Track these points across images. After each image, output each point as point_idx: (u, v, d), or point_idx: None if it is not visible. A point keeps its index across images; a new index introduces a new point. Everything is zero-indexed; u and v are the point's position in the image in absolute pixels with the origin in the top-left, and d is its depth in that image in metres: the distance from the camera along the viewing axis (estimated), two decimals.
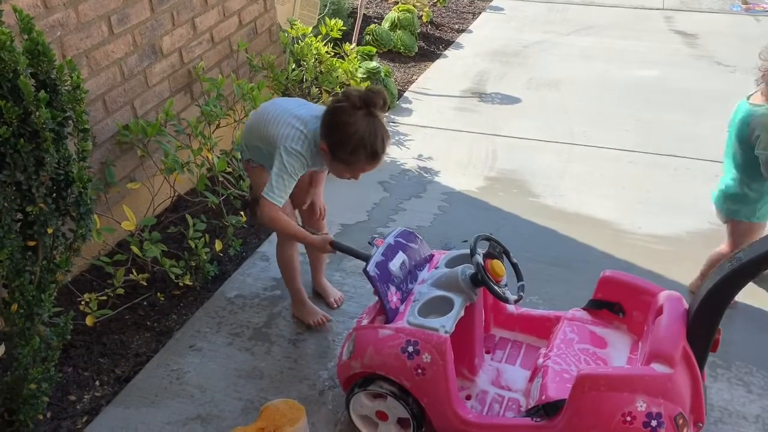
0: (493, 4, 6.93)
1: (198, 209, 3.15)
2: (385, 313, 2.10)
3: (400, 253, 2.25)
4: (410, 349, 2.00)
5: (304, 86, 4.02)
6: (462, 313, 2.07)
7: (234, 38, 3.71)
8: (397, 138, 4.19)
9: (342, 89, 2.28)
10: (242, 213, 3.12)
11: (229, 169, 3.19)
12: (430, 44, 5.87)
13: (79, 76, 1.86)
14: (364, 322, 2.23)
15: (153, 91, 3.16)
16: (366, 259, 2.17)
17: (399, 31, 5.54)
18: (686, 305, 1.96)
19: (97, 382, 2.46)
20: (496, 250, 2.17)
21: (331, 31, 4.10)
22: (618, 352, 2.15)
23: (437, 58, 5.59)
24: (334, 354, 2.56)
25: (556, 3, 6.90)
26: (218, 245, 2.94)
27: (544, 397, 1.99)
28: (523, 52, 5.64)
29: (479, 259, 2.05)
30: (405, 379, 2.02)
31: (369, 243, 2.26)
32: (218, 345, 2.62)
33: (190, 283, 2.81)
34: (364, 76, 4.25)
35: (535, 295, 2.82)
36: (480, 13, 6.69)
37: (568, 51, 5.63)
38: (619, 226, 3.32)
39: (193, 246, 2.78)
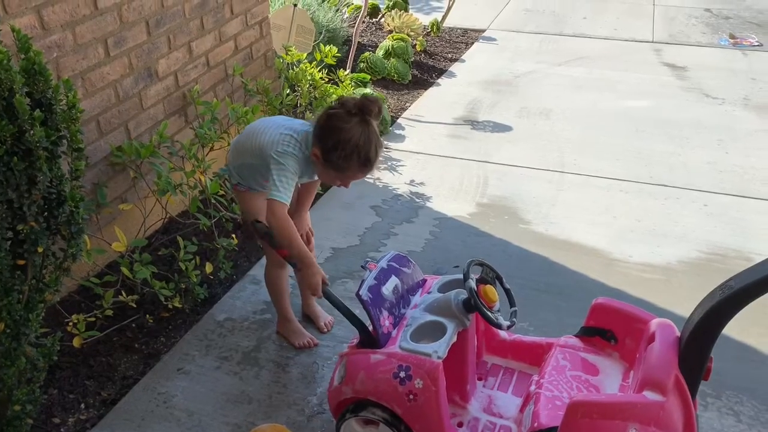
0: (485, 34, 7.02)
1: (189, 231, 3.14)
2: (377, 338, 2.08)
3: (393, 277, 2.25)
4: (402, 374, 1.99)
5: (298, 111, 4.04)
6: (455, 339, 2.07)
7: (229, 63, 3.74)
8: (389, 163, 4.21)
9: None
10: (234, 236, 3.10)
11: (222, 192, 3.19)
12: (423, 72, 5.93)
13: (75, 95, 1.86)
14: (356, 344, 2.23)
15: (147, 114, 3.17)
16: (355, 323, 2.15)
17: (393, 59, 5.60)
18: (678, 333, 1.96)
19: (83, 405, 2.43)
20: (489, 276, 2.17)
21: (326, 57, 4.14)
22: (610, 379, 2.14)
23: (430, 86, 5.64)
24: (324, 379, 2.53)
25: (548, 34, 7.00)
26: (208, 268, 2.92)
27: (536, 424, 1.97)
28: (515, 81, 5.70)
29: (472, 284, 2.05)
30: (396, 405, 2.00)
31: (362, 266, 2.25)
32: (206, 368, 2.59)
33: (180, 306, 2.79)
34: None
35: (527, 321, 2.82)
36: (473, 43, 6.77)
37: (560, 81, 5.70)
38: (610, 255, 3.33)
39: (184, 268, 2.77)
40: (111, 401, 2.44)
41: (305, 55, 4.08)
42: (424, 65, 6.09)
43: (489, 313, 2.04)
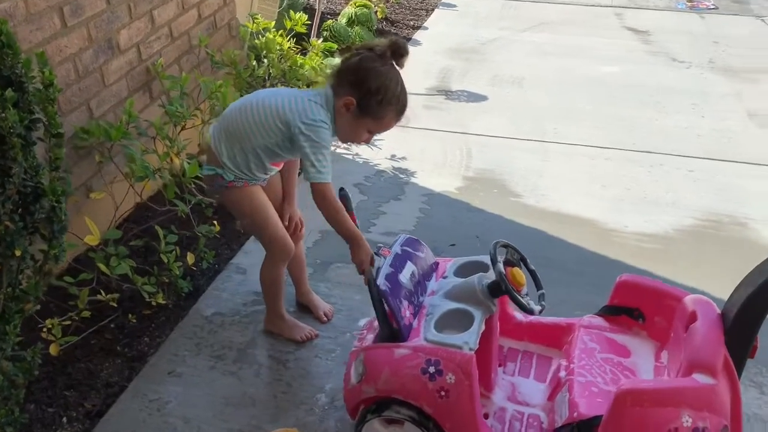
0: (445, 0, 6.83)
1: (165, 219, 2.87)
2: (399, 331, 1.91)
3: (409, 263, 2.07)
4: (431, 369, 1.82)
5: (268, 84, 3.77)
6: (483, 327, 1.92)
7: (193, 33, 3.44)
8: None
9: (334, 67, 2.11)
10: (215, 222, 2.86)
11: (199, 174, 2.93)
12: None
13: (51, 72, 1.59)
14: (369, 339, 2.06)
15: (110, 90, 2.87)
16: (382, 316, 1.93)
17: (357, 27, 5.35)
18: (719, 310, 1.87)
19: (65, 419, 2.18)
20: (515, 258, 2.02)
21: (296, 25, 3.88)
22: (643, 360, 2.04)
23: None
24: (331, 374, 2.35)
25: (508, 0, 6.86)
26: (190, 258, 2.68)
27: (576, 414, 1.85)
28: (481, 48, 5.55)
29: (501, 268, 1.90)
30: (426, 402, 1.84)
31: (375, 253, 2.07)
32: (200, 369, 2.37)
33: (164, 302, 2.55)
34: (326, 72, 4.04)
35: (535, 299, 2.69)
36: (433, 9, 6.58)
37: (526, 48, 5.58)
38: (605, 225, 3.24)
39: (166, 260, 2.52)
40: (97, 413, 2.20)
41: (273, 23, 3.80)
42: (387, 33, 5.86)
43: (521, 298, 1.90)
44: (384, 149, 3.89)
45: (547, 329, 2.28)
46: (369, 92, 2.03)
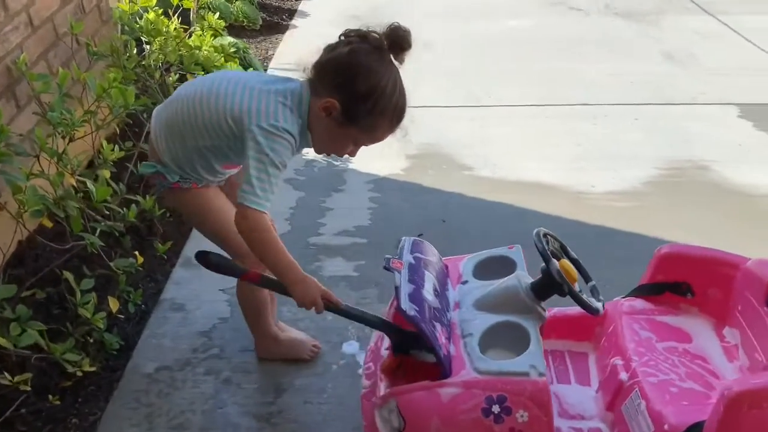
0: None
1: (65, 258, 2.23)
2: (441, 364, 1.49)
3: (427, 273, 1.65)
4: (496, 409, 1.42)
5: (157, 75, 3.13)
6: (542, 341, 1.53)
7: (59, 19, 2.75)
8: None
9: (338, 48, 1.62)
10: (137, 253, 2.26)
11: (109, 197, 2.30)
12: (271, 15, 5.14)
13: None
14: (384, 377, 1.62)
15: None
16: (375, 323, 1.66)
17: (237, 2, 4.74)
18: None
19: None
20: (555, 247, 1.65)
21: (183, 1, 3.25)
22: (709, 343, 1.75)
23: (286, 29, 4.90)
24: (329, 422, 1.88)
25: None
26: (113, 304, 2.08)
27: (666, 427, 1.51)
28: (376, 12, 5.12)
29: (557, 265, 1.52)
30: None
31: (385, 268, 1.61)
32: None
33: (91, 368, 1.95)
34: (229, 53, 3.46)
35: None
36: None
37: (423, 8, 5.23)
38: (572, 188, 2.97)
39: (87, 315, 1.92)
40: None
41: (154, 1, 3.15)
42: (269, 6, 5.30)
43: (584, 298, 1.53)
44: None
45: (572, 321, 1.93)
46: (358, 96, 1.58)
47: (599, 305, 1.57)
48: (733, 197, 2.88)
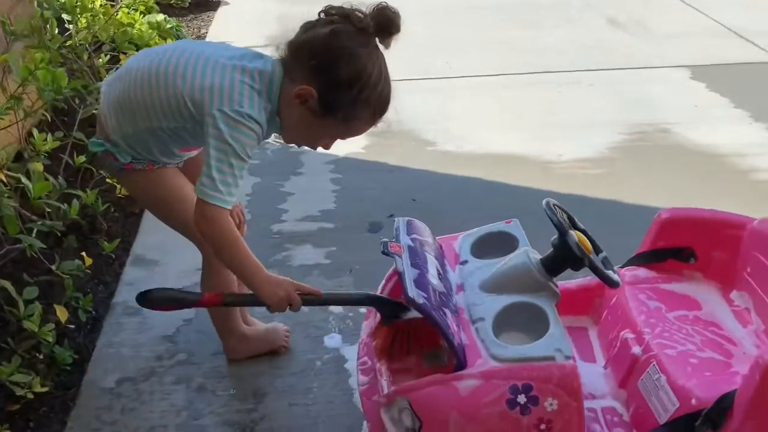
0: None
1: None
2: (455, 354, 1.34)
3: (427, 255, 1.50)
4: (521, 399, 1.29)
5: (86, 56, 2.83)
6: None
7: None
8: None
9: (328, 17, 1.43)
10: (84, 254, 2.01)
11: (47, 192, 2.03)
12: None
13: None
14: (384, 371, 1.46)
15: None
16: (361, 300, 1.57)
17: None
18: None
19: None
20: (564, 218, 1.52)
21: None
22: (718, 309, 1.67)
23: (217, 5, 4.61)
24: (319, 425, 1.71)
25: None
26: (62, 314, 1.84)
27: (694, 401, 1.42)
28: None
29: (575, 237, 1.39)
30: None
31: (383, 252, 1.45)
32: None
33: (45, 389, 1.70)
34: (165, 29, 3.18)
35: None
36: None
37: None
38: (539, 158, 2.87)
39: (33, 328, 1.67)
40: None
41: None
42: None
43: (605, 270, 1.41)
44: None
45: (572, 294, 1.82)
46: (339, 84, 1.40)
47: (617, 277, 1.45)
48: (699, 158, 2.85)
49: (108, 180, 2.42)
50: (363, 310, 2.03)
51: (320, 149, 1.58)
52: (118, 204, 2.50)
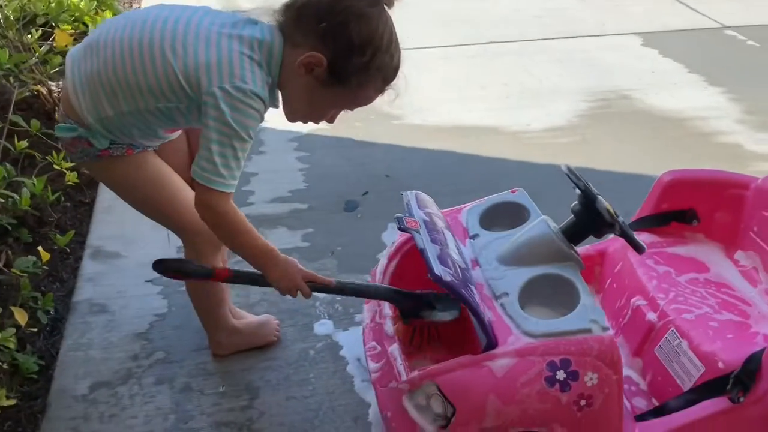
0: None
1: None
2: (487, 334, 1.25)
3: (445, 231, 1.39)
4: (560, 375, 1.21)
5: (13, 32, 2.55)
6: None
7: None
8: None
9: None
10: (40, 249, 1.80)
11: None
12: None
13: None
14: (396, 351, 1.36)
15: None
16: (379, 293, 1.44)
17: None
18: None
19: None
20: (581, 186, 1.45)
21: None
22: (725, 270, 1.64)
23: None
24: (321, 418, 1.59)
25: None
26: (20, 316, 1.64)
27: (721, 365, 1.38)
28: None
29: (605, 203, 1.32)
30: (560, 423, 1.24)
31: (400, 228, 1.33)
32: None
33: (11, 403, 1.51)
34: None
35: None
36: None
37: None
38: (508, 129, 2.81)
39: None
40: None
41: None
42: None
43: (635, 236, 1.35)
44: None
45: None
46: (350, 49, 1.27)
47: (642, 244, 1.39)
48: (664, 123, 2.86)
49: (55, 166, 2.19)
50: None
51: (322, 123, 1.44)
52: (65, 193, 2.28)
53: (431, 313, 1.40)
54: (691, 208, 1.70)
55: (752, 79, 3.19)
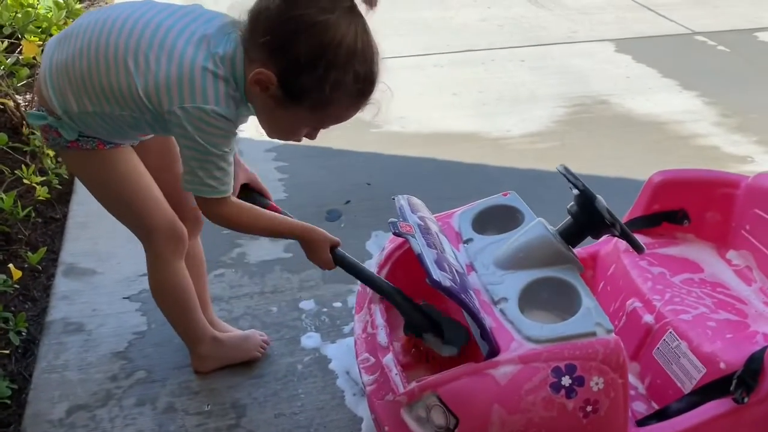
0: None
1: None
2: (488, 340, 1.20)
3: (439, 235, 1.35)
4: (566, 381, 1.17)
5: None
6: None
7: None
8: None
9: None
10: (11, 267, 1.71)
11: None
12: None
13: None
14: (391, 362, 1.31)
15: None
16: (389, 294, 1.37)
17: None
18: None
19: None
20: (579, 186, 1.42)
21: None
22: (719, 270, 1.63)
23: None
24: None
25: None
26: None
27: (723, 365, 1.36)
28: None
29: (605, 203, 1.29)
30: (566, 430, 1.20)
31: (394, 233, 1.29)
32: None
33: None
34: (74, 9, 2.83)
35: None
36: None
37: None
38: (489, 135, 2.79)
39: None
40: None
41: None
42: None
43: (634, 235, 1.32)
44: None
45: None
46: (299, 63, 1.15)
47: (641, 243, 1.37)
48: (641, 127, 2.88)
49: (25, 181, 2.10)
50: (348, 303, 1.87)
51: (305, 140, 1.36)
52: (35, 209, 2.19)
53: (435, 341, 1.35)
54: (682, 208, 1.69)
55: (725, 83, 3.24)
